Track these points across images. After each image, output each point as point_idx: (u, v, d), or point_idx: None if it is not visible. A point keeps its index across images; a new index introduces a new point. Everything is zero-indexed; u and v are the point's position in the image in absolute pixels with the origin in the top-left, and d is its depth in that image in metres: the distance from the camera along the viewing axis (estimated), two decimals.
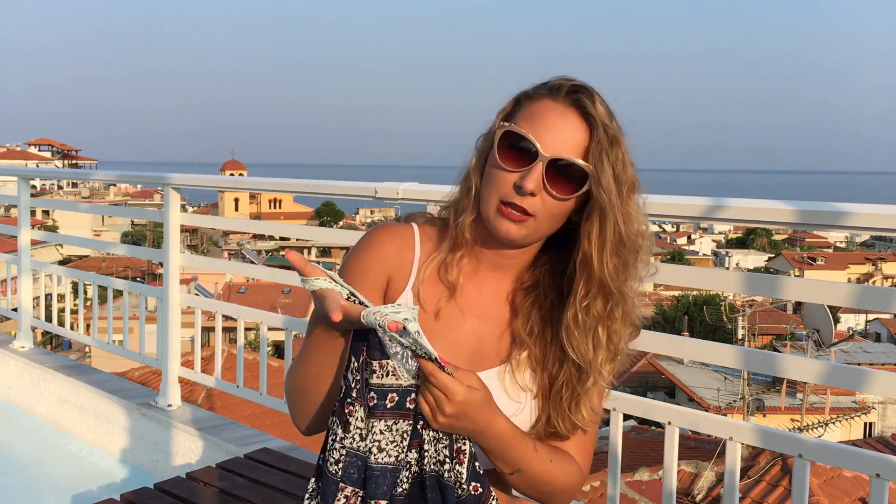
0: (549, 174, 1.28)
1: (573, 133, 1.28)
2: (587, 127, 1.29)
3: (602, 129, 1.28)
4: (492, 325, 1.40)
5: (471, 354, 1.37)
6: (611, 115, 1.30)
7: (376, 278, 1.38)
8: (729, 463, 2.17)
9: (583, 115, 1.29)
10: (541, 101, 1.32)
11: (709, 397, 20.84)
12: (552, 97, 1.31)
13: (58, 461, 4.36)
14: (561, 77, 1.34)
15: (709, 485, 8.82)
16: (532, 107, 1.32)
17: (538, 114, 1.30)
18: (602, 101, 1.30)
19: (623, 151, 1.29)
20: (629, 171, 1.30)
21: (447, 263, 1.39)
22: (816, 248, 59.59)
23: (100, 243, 7.07)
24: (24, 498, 3.95)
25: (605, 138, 1.27)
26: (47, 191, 62.00)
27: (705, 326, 29.07)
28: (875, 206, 2.01)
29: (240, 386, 3.83)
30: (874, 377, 1.97)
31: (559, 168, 1.28)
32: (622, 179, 1.29)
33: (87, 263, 34.32)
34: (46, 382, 4.78)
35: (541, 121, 1.29)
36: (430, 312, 1.38)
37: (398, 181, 2.95)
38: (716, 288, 5.07)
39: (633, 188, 1.31)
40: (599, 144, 1.27)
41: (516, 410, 1.35)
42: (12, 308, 5.49)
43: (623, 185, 1.29)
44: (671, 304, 34.41)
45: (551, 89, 1.32)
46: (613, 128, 1.29)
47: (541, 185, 1.28)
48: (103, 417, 4.35)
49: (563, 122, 1.29)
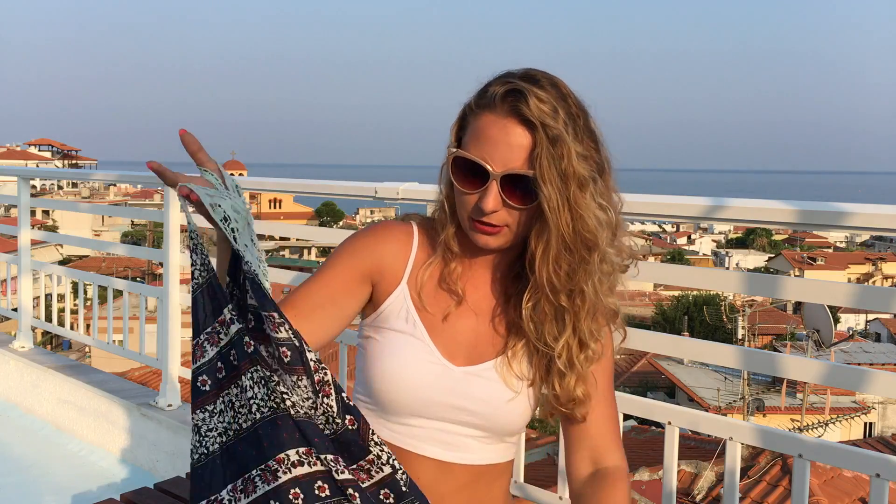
0: (505, 189, 1.28)
1: (517, 142, 1.27)
2: (529, 132, 1.27)
3: (542, 132, 1.25)
4: (487, 319, 1.42)
5: (468, 349, 1.39)
6: (554, 108, 1.26)
7: (364, 265, 1.40)
8: (729, 463, 2.17)
9: (522, 121, 1.27)
10: (482, 117, 1.30)
11: (709, 397, 20.85)
12: (491, 109, 1.29)
13: (58, 461, 4.36)
14: (497, 78, 1.33)
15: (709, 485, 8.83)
16: (475, 124, 1.31)
17: (482, 131, 1.29)
18: (540, 97, 1.26)
19: (568, 146, 1.25)
20: (577, 165, 1.26)
21: (444, 275, 1.41)
22: (816, 248, 59.59)
23: (100, 243, 7.06)
24: (24, 498, 3.95)
25: (546, 140, 1.25)
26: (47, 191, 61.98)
27: (705, 326, 29.07)
28: (875, 206, 2.01)
29: None
30: (874, 377, 1.97)
31: (512, 180, 1.28)
32: (568, 175, 1.25)
33: (87, 263, 34.33)
34: (46, 382, 4.78)
35: (485, 138, 1.29)
36: (440, 322, 1.39)
37: (398, 181, 2.95)
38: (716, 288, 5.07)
39: (583, 183, 1.27)
40: (539, 146, 1.25)
41: (513, 398, 1.37)
42: (12, 308, 5.49)
43: (570, 182, 1.25)
44: (671, 304, 34.41)
45: (489, 100, 1.30)
46: (554, 125, 1.26)
47: (500, 202, 1.29)
48: (103, 417, 4.35)
49: (504, 135, 1.27)
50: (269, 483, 1.17)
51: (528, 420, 1.42)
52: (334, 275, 1.40)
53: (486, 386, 1.37)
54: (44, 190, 60.87)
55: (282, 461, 1.17)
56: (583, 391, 1.37)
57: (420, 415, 1.36)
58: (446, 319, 1.39)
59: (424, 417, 1.36)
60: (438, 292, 1.41)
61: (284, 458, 1.17)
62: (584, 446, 1.41)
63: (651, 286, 37.28)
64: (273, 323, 1.17)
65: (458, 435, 1.37)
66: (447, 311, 1.40)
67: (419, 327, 1.38)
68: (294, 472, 1.17)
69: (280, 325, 1.17)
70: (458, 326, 1.40)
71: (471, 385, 1.35)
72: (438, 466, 1.37)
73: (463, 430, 1.37)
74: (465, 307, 1.41)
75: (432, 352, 1.36)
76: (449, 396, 1.35)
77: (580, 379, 1.37)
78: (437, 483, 1.37)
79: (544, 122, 1.25)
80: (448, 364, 1.36)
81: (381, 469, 1.20)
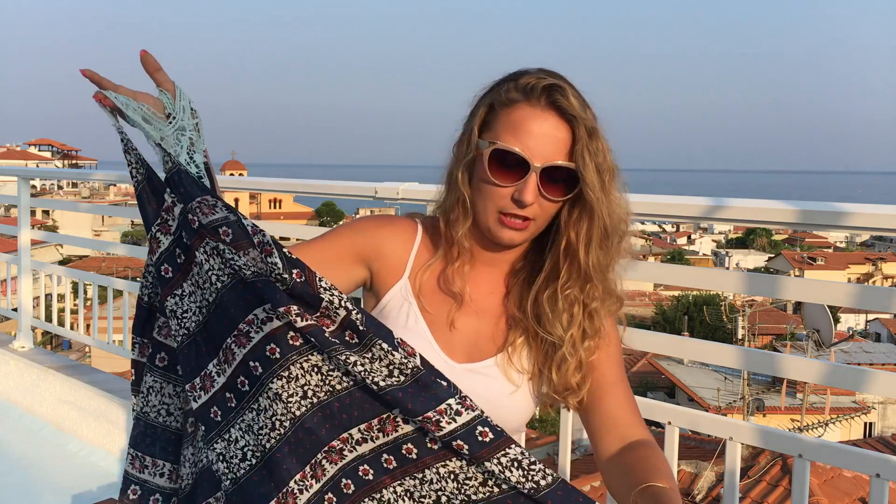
0: (542, 181, 1.30)
1: (556, 136, 1.30)
2: (567, 126, 1.31)
3: (581, 126, 1.30)
4: (487, 316, 1.42)
5: (469, 347, 1.40)
6: (584, 105, 1.32)
7: (363, 244, 1.42)
8: (729, 463, 2.17)
9: (561, 115, 1.30)
10: (518, 109, 1.31)
11: (709, 397, 20.85)
12: (528, 101, 1.31)
13: (58, 461, 4.36)
14: (529, 74, 1.34)
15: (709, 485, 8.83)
16: (510, 115, 1.32)
17: (519, 123, 1.31)
18: (574, 93, 1.32)
19: (601, 140, 1.32)
20: (608, 158, 1.33)
21: (448, 274, 1.41)
22: (816, 248, 59.58)
23: (100, 243, 7.07)
24: (24, 498, 3.95)
25: (585, 133, 1.30)
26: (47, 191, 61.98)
27: (705, 326, 29.07)
28: (875, 206, 2.01)
29: None
30: (874, 377, 1.97)
31: (551, 173, 1.30)
32: (603, 169, 1.31)
33: (87, 263, 34.31)
34: (46, 382, 4.78)
35: (524, 131, 1.30)
36: (445, 324, 1.40)
37: (398, 181, 2.95)
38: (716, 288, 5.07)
39: (613, 174, 1.34)
40: (580, 141, 1.30)
41: (514, 392, 1.38)
42: (12, 308, 5.49)
43: (605, 175, 1.32)
44: (671, 304, 34.41)
45: (526, 93, 1.32)
46: (589, 119, 1.31)
47: (538, 195, 1.31)
48: (103, 417, 4.35)
49: (545, 127, 1.30)
50: (244, 346, 1.23)
51: (530, 414, 1.43)
52: (331, 245, 1.42)
53: (487, 383, 1.37)
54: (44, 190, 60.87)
55: (251, 322, 1.23)
56: (578, 380, 1.38)
57: None
58: (448, 317, 1.40)
59: None
60: (440, 290, 1.41)
61: (253, 319, 1.23)
62: (610, 429, 1.41)
63: (651, 286, 37.31)
64: (207, 206, 1.23)
65: None
66: (449, 309, 1.40)
67: (421, 324, 1.38)
68: (265, 328, 1.22)
69: (213, 206, 1.23)
70: (459, 324, 1.40)
71: (473, 382, 1.36)
72: None
73: None
74: (466, 305, 1.41)
75: (434, 349, 1.36)
76: None
77: (578, 368, 1.38)
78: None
79: (582, 116, 1.30)
80: (450, 361, 1.37)
81: (337, 312, 1.23)
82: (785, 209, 2.07)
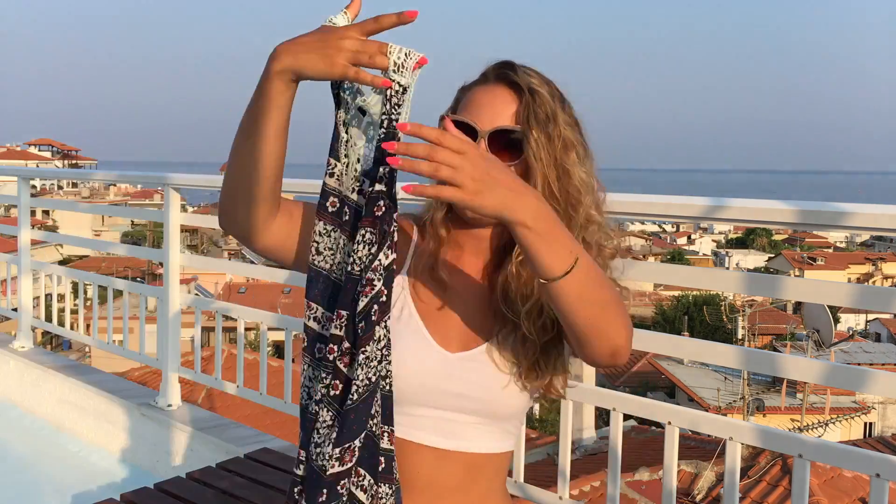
0: (491, 146, 1.34)
1: (505, 105, 1.35)
2: (517, 96, 1.35)
3: (528, 93, 1.34)
4: (475, 303, 1.42)
5: (460, 335, 1.40)
6: (542, 80, 1.36)
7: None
8: (729, 463, 2.17)
9: (510, 85, 1.36)
10: (474, 89, 1.40)
11: (709, 397, 20.85)
12: (483, 83, 1.39)
13: (58, 461, 4.36)
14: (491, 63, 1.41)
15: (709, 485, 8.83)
16: (467, 96, 1.40)
17: (472, 100, 1.38)
18: (528, 71, 1.37)
19: (553, 108, 1.33)
20: (565, 130, 1.34)
21: (434, 263, 1.42)
22: (816, 248, 59.55)
23: (100, 243, 7.08)
24: (24, 498, 3.95)
25: (532, 100, 1.33)
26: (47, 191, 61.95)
27: (705, 326, 29.07)
28: (875, 206, 2.01)
29: (240, 386, 3.83)
30: (874, 377, 1.97)
31: (499, 138, 1.34)
32: (553, 135, 1.33)
33: (87, 263, 34.33)
34: (46, 382, 4.79)
35: (475, 104, 1.37)
36: (437, 314, 1.40)
37: (397, 181, 2.95)
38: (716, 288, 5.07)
39: (570, 146, 1.34)
40: (528, 108, 1.33)
41: (507, 382, 1.37)
42: (12, 308, 5.49)
43: (556, 141, 1.33)
44: (671, 304, 34.42)
45: (483, 75, 1.40)
46: (541, 90, 1.34)
47: None
48: (103, 417, 4.36)
49: (493, 98, 1.36)
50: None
51: (525, 403, 1.41)
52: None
53: (480, 370, 1.37)
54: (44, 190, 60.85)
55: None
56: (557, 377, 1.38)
57: (422, 403, 1.36)
58: (438, 306, 1.41)
59: (427, 406, 1.36)
60: (430, 280, 1.42)
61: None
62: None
63: (651, 286, 37.30)
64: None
65: (458, 423, 1.37)
66: (439, 298, 1.41)
67: (415, 317, 1.39)
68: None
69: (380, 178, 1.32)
70: (450, 313, 1.41)
71: (467, 370, 1.36)
72: (437, 456, 1.37)
73: (462, 418, 1.37)
74: (454, 293, 1.42)
75: (429, 340, 1.37)
76: (449, 383, 1.36)
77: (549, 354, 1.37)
78: (436, 473, 1.37)
79: (531, 86, 1.34)
80: (444, 351, 1.37)
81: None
82: (785, 209, 2.08)
